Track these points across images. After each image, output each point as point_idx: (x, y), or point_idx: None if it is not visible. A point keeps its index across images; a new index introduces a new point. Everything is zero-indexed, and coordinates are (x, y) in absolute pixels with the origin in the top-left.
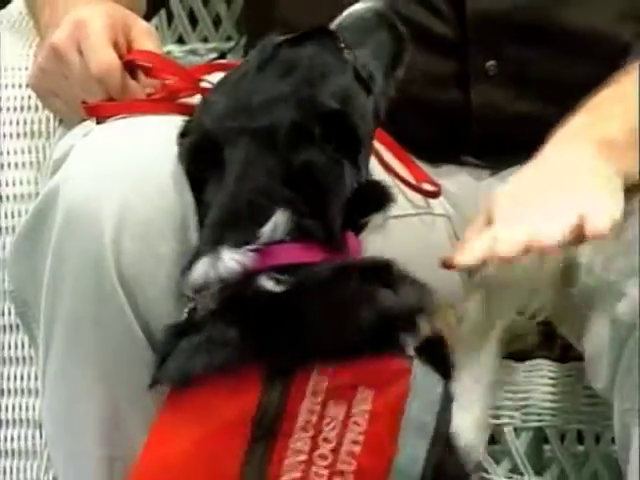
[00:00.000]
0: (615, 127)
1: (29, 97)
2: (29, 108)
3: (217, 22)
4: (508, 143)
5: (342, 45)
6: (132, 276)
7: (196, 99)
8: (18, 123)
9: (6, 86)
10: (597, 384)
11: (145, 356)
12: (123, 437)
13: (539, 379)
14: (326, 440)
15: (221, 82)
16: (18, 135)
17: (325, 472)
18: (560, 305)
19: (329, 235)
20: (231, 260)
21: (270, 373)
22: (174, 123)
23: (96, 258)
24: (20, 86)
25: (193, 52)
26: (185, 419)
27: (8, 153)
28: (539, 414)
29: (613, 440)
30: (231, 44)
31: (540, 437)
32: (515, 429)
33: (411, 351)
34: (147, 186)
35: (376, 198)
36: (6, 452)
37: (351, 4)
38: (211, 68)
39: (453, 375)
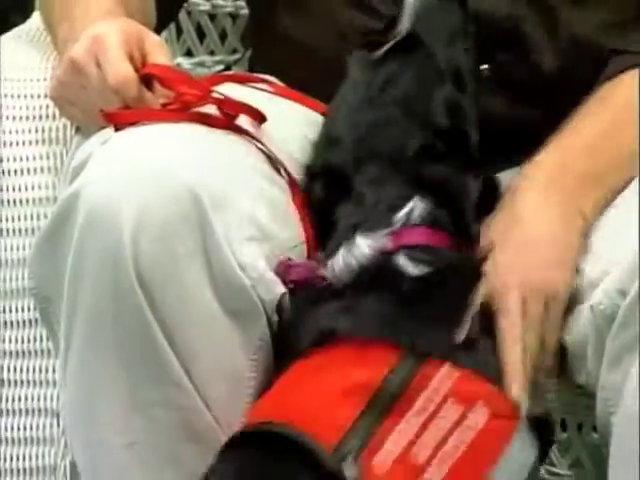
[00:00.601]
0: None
1: (47, 106)
2: (47, 117)
3: (223, 36)
4: (500, 145)
5: (431, 51)
6: (149, 275)
7: (207, 108)
8: (37, 131)
9: (25, 96)
10: (579, 378)
11: (162, 352)
12: (142, 424)
13: None
14: (435, 431)
15: (334, 114)
16: (37, 142)
17: (425, 456)
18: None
19: (465, 230)
20: (365, 246)
21: (405, 353)
22: (188, 131)
23: (115, 258)
24: (39, 96)
25: (201, 64)
26: (316, 372)
27: (27, 159)
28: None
29: (594, 428)
30: (236, 56)
31: None
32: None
33: (519, 405)
34: (164, 190)
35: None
36: (25, 439)
37: (350, 20)
38: (220, 79)
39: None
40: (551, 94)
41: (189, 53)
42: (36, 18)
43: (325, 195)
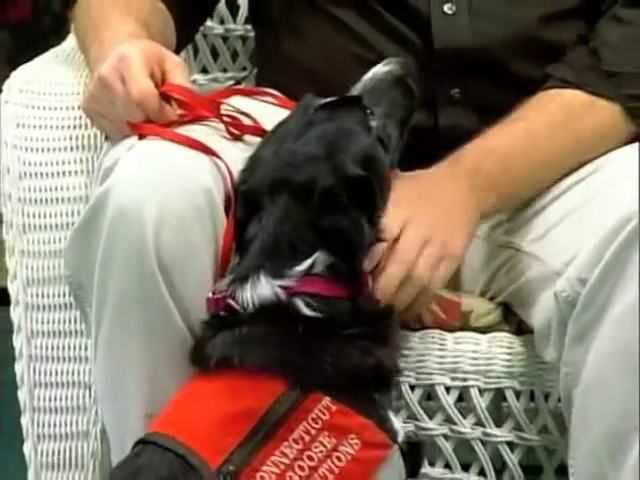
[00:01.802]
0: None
1: (80, 117)
2: (80, 126)
3: (234, 56)
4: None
5: (368, 112)
6: (169, 263)
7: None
8: (71, 139)
9: (61, 108)
10: (545, 354)
11: (181, 333)
12: (161, 399)
13: (499, 349)
14: (310, 458)
15: (268, 139)
16: (72, 148)
17: (296, 477)
18: (514, 290)
19: (355, 278)
20: (269, 286)
21: (291, 385)
22: (202, 138)
23: (139, 249)
24: (73, 108)
25: (214, 80)
26: (209, 390)
27: (63, 163)
28: (499, 377)
29: (559, 399)
30: (245, 73)
31: (499, 396)
32: (479, 390)
33: (397, 433)
34: (181, 189)
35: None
36: (61, 409)
37: (342, 47)
38: (229, 92)
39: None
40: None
41: (204, 70)
42: (71, 40)
43: (241, 215)
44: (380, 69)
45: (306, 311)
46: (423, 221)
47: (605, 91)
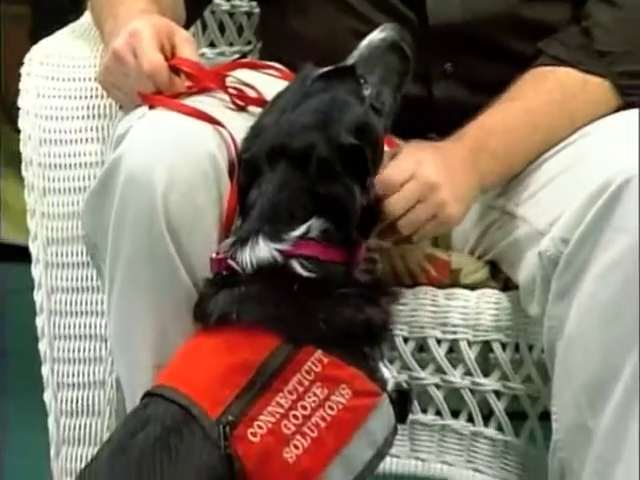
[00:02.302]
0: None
1: (96, 88)
2: (96, 97)
3: (240, 31)
4: (463, 125)
5: (362, 81)
6: (177, 224)
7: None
8: (88, 108)
9: (78, 79)
10: (530, 309)
11: (187, 289)
12: (168, 351)
13: (487, 304)
14: (303, 407)
15: (268, 109)
16: (88, 117)
17: (292, 428)
18: (501, 249)
19: (347, 243)
20: (267, 249)
21: (284, 340)
22: (207, 108)
23: (149, 211)
24: (89, 79)
25: (221, 54)
26: (210, 345)
27: (80, 131)
28: (486, 330)
29: (543, 350)
30: (250, 47)
31: (487, 348)
32: (468, 342)
33: (385, 380)
34: (188, 155)
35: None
36: (79, 360)
37: (343, 23)
38: (235, 65)
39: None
40: (505, 85)
41: (212, 44)
42: (87, 16)
43: (244, 181)
44: (376, 36)
45: (301, 271)
46: (426, 181)
47: (598, 69)
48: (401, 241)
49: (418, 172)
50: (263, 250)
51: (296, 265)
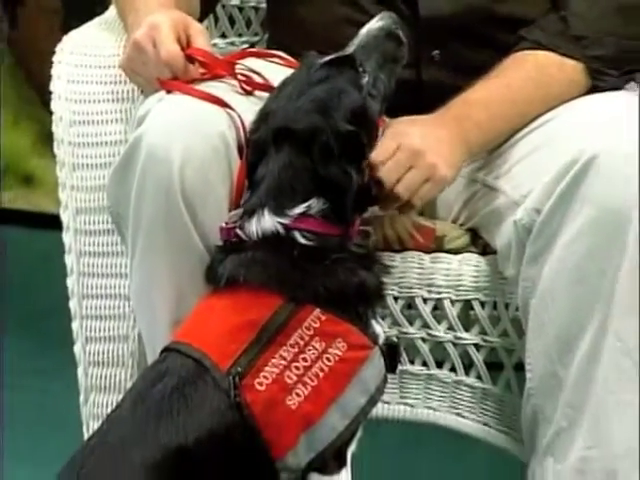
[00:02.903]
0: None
1: (120, 75)
2: (120, 82)
3: (248, 23)
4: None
5: (361, 70)
6: (191, 196)
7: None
8: (113, 92)
9: (104, 67)
10: (506, 271)
11: (201, 254)
12: (184, 310)
13: (467, 267)
14: (304, 359)
15: (276, 94)
16: (113, 100)
17: (294, 378)
18: (481, 217)
19: (343, 220)
20: (271, 221)
21: (287, 300)
22: (219, 93)
23: (167, 184)
24: (114, 67)
25: (232, 44)
26: (220, 305)
27: (106, 113)
28: (467, 290)
29: (517, 308)
30: (257, 38)
31: (468, 306)
32: (451, 301)
33: (377, 335)
34: (201, 134)
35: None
36: (105, 316)
37: (343, 13)
38: (243, 54)
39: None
40: (488, 70)
41: (223, 35)
42: (112, 10)
43: (252, 159)
44: (374, 25)
45: (301, 240)
46: (413, 149)
47: (573, 53)
48: (404, 208)
49: (403, 143)
50: (268, 222)
51: (297, 235)
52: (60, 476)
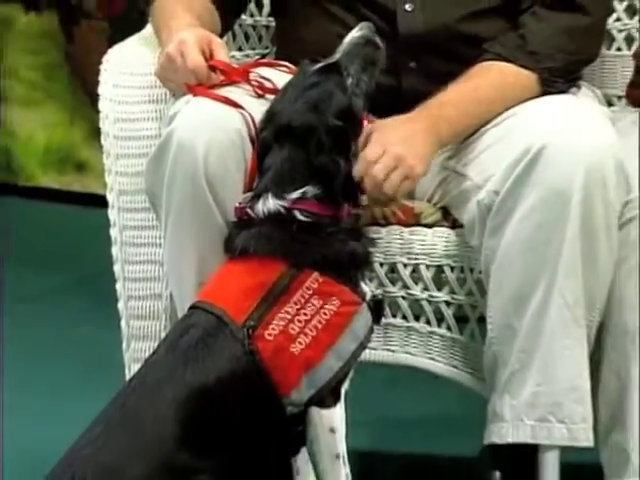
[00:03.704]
0: (447, 125)
1: (155, 81)
2: (155, 87)
3: (260, 39)
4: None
5: (345, 73)
6: (213, 179)
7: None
8: (149, 96)
9: (142, 74)
10: (471, 242)
11: (221, 228)
12: (207, 274)
13: (440, 238)
14: (305, 314)
15: (279, 98)
16: (149, 102)
17: (297, 329)
18: (451, 198)
19: (333, 202)
20: (274, 203)
21: (289, 265)
22: (236, 96)
23: (193, 170)
24: (150, 74)
25: (246, 55)
26: (236, 270)
27: (143, 112)
28: (440, 257)
29: (480, 272)
30: (267, 51)
31: (440, 270)
32: (426, 266)
33: (365, 293)
34: (220, 129)
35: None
36: (142, 279)
37: (343, 34)
38: (256, 64)
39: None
40: (453, 75)
41: (240, 49)
42: (149, 28)
43: (260, 152)
44: (355, 34)
45: (299, 217)
46: (396, 154)
47: (528, 64)
48: (388, 201)
49: (388, 149)
50: (271, 204)
51: (296, 213)
52: (106, 409)
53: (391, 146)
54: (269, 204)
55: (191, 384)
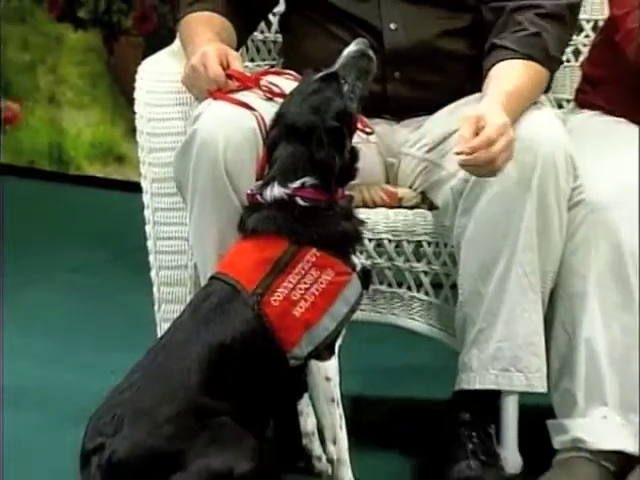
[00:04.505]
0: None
1: (181, 87)
2: (181, 92)
3: (269, 51)
4: (407, 111)
5: (342, 81)
6: (231, 170)
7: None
8: (176, 99)
9: (171, 82)
10: (445, 222)
11: (237, 211)
12: (225, 248)
13: (419, 218)
14: (304, 283)
15: (286, 101)
16: (176, 104)
17: (298, 296)
18: (429, 184)
19: (328, 190)
20: (278, 190)
21: (291, 243)
22: (251, 100)
23: (214, 162)
24: (177, 82)
25: (258, 66)
26: (247, 247)
27: (172, 113)
28: (419, 234)
29: (453, 246)
30: (275, 62)
31: (419, 245)
32: (407, 241)
33: (355, 265)
34: (237, 128)
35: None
36: (171, 251)
37: (339, 48)
38: (266, 72)
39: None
40: (436, 85)
41: (252, 60)
42: (177, 42)
43: (269, 146)
44: (352, 48)
45: (300, 202)
46: (509, 138)
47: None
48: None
49: (505, 131)
50: (277, 191)
51: (297, 199)
52: (141, 362)
53: (508, 131)
54: (275, 191)
55: (210, 342)
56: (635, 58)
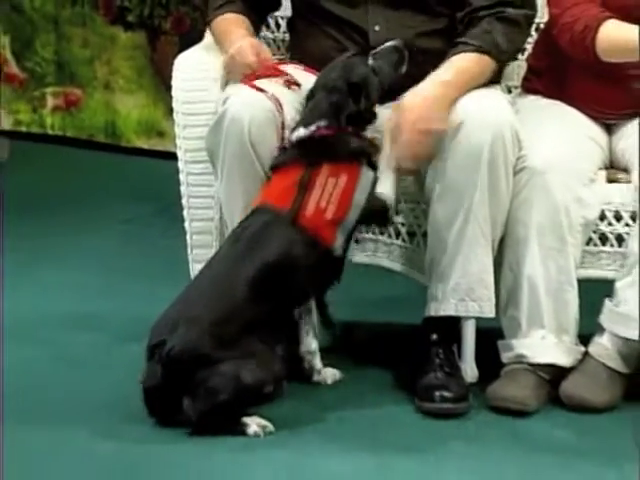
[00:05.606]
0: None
1: (209, 75)
2: (209, 79)
3: (278, 48)
4: (393, 96)
5: (369, 57)
6: (255, 143)
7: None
8: (205, 86)
9: (202, 70)
10: (430, 193)
11: (261, 177)
12: (249, 208)
13: (402, 183)
14: (327, 190)
15: (324, 72)
16: (205, 90)
17: (325, 203)
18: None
19: (339, 126)
20: (303, 131)
21: (307, 166)
22: (273, 86)
23: (241, 136)
24: (207, 71)
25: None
26: (276, 179)
27: (204, 96)
28: (406, 201)
29: (424, 204)
30: (283, 57)
31: (397, 202)
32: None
33: (363, 162)
34: (260, 108)
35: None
36: (200, 207)
37: (333, 46)
38: (281, 63)
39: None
40: (418, 76)
41: None
42: (207, 39)
43: (306, 99)
44: (388, 43)
45: (315, 137)
46: (403, 121)
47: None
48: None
49: (404, 119)
50: (301, 132)
51: (315, 134)
52: (188, 288)
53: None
54: (299, 133)
55: (256, 263)
56: (567, 47)
